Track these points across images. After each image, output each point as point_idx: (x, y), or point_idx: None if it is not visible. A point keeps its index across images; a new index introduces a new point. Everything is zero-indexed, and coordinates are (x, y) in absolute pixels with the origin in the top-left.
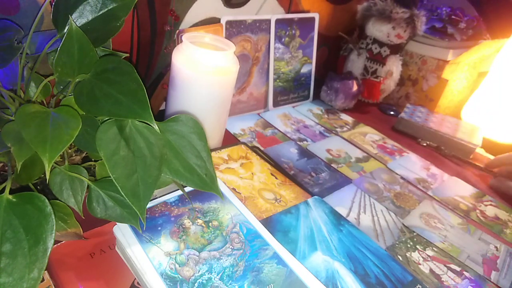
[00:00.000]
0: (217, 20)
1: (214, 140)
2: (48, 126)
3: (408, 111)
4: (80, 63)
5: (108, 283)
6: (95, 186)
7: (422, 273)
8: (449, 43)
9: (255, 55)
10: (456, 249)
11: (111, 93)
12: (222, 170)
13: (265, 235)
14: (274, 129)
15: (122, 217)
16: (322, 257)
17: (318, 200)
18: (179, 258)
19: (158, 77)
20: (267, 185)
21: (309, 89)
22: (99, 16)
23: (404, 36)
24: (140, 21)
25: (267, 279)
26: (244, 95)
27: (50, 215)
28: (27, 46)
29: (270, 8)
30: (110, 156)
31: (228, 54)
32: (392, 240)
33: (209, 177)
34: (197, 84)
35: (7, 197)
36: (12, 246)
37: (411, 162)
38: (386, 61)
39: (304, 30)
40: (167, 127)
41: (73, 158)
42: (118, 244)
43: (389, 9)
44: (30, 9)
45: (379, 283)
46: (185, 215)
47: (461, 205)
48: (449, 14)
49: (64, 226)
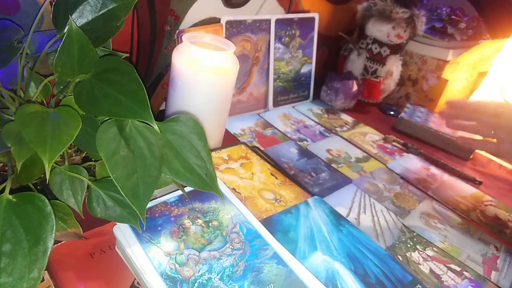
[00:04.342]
0: (217, 20)
1: (214, 140)
2: (48, 126)
3: (408, 111)
4: (80, 63)
5: (108, 283)
6: (95, 186)
7: (422, 273)
8: (449, 43)
9: (255, 55)
10: (456, 249)
11: (111, 93)
12: (222, 170)
13: (265, 235)
14: (274, 129)
15: (122, 217)
16: (322, 257)
17: (318, 200)
18: (179, 258)
19: (158, 77)
20: (267, 185)
21: (309, 89)
22: (99, 16)
23: (404, 36)
24: (140, 21)
25: (267, 279)
26: (244, 95)
27: (50, 215)
28: (27, 46)
29: (270, 8)
30: (110, 156)
31: (228, 54)
32: (392, 240)
33: (209, 177)
34: (197, 84)
35: (7, 197)
36: (12, 246)
37: (411, 162)
38: (386, 61)
39: (304, 30)
40: (167, 127)
41: (73, 158)
42: (118, 244)
43: (389, 9)
44: (30, 9)
45: (379, 283)
46: (185, 215)
47: (461, 205)
48: (449, 14)
49: (64, 226)
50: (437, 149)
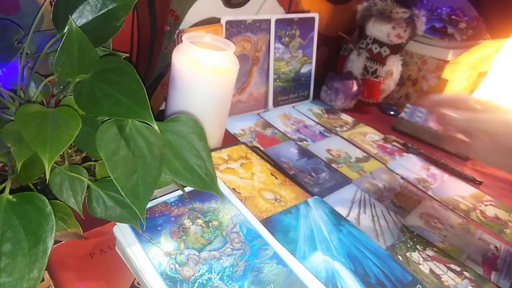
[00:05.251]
0: (217, 20)
1: (214, 140)
2: (48, 126)
3: (408, 111)
4: (80, 63)
5: (108, 283)
6: (95, 186)
7: (422, 273)
8: (449, 43)
9: (255, 55)
10: (456, 249)
11: (111, 93)
12: (222, 170)
13: (265, 235)
14: (274, 129)
15: (122, 217)
16: (322, 257)
17: (318, 200)
18: (179, 258)
19: (158, 77)
20: (267, 185)
21: (309, 89)
22: (99, 16)
23: (404, 36)
24: (140, 21)
25: (267, 279)
26: (244, 95)
27: (50, 215)
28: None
29: (270, 8)
30: (110, 156)
31: (228, 54)
32: (392, 240)
33: (209, 177)
34: (197, 84)
35: (7, 197)
36: (12, 246)
37: (411, 162)
38: (386, 61)
39: (304, 30)
40: (167, 127)
41: (73, 158)
42: (118, 244)
43: (389, 9)
44: (30, 9)
45: (379, 283)
46: (185, 215)
47: (461, 205)
48: (449, 14)
49: (64, 226)
50: (437, 149)
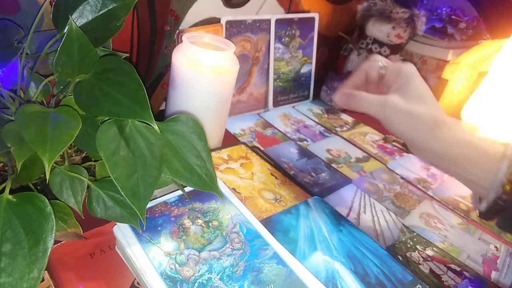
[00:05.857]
0: (217, 20)
1: (214, 140)
2: (48, 126)
3: None
4: (80, 63)
5: (108, 283)
6: (95, 186)
7: (422, 273)
8: (449, 43)
9: (255, 55)
10: (456, 249)
11: (111, 93)
12: (222, 170)
13: (265, 235)
14: (274, 129)
15: (122, 217)
16: (322, 257)
17: (318, 200)
18: (179, 258)
19: (158, 77)
20: (267, 185)
21: (309, 89)
22: (99, 16)
23: (404, 36)
24: (140, 21)
25: (267, 279)
26: (244, 95)
27: (50, 215)
28: (27, 46)
29: (270, 8)
30: (110, 156)
31: (228, 54)
32: (392, 240)
33: (209, 177)
34: (197, 84)
35: (7, 197)
36: (12, 246)
37: (411, 162)
38: None
39: (304, 30)
40: (167, 127)
41: (73, 158)
42: (118, 244)
43: (389, 9)
44: (30, 9)
45: (379, 283)
46: (185, 215)
47: (461, 205)
48: (449, 14)
49: (64, 226)
50: None
